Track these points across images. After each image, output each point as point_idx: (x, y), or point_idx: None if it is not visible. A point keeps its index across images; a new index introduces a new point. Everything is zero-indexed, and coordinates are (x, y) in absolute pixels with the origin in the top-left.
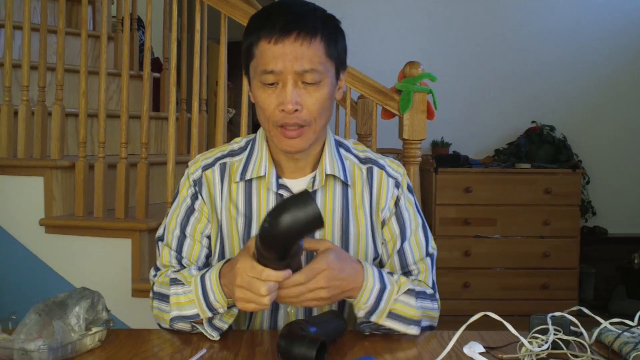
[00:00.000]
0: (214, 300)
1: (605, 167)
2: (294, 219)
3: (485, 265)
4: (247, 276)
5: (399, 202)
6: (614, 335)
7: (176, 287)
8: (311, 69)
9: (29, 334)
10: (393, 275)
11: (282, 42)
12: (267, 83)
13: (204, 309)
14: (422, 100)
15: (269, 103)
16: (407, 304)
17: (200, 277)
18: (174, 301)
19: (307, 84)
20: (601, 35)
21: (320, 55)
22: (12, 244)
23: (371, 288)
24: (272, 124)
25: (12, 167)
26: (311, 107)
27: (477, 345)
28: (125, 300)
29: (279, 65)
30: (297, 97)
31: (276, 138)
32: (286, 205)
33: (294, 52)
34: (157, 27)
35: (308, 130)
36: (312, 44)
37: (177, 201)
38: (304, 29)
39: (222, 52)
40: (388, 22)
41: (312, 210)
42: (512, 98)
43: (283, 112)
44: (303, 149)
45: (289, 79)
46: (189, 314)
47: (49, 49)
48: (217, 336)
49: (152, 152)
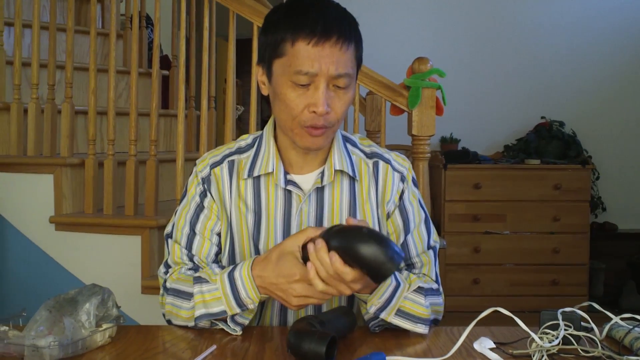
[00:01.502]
0: (245, 296)
1: (615, 162)
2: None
3: (494, 262)
4: (303, 285)
5: (404, 195)
6: (624, 330)
7: (200, 286)
8: (345, 73)
9: (39, 330)
10: (402, 273)
11: (322, 45)
12: (299, 84)
13: (233, 306)
14: (431, 96)
15: (298, 103)
16: (416, 302)
17: (228, 275)
18: (199, 299)
19: (337, 87)
20: (610, 29)
21: (352, 59)
22: (22, 241)
23: (388, 284)
24: (297, 124)
25: (22, 164)
26: (338, 110)
27: (488, 341)
28: (135, 297)
29: (316, 68)
30: (328, 99)
31: (299, 136)
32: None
33: (332, 56)
34: (166, 25)
35: (329, 131)
36: (349, 48)
37: (186, 199)
38: (343, 33)
39: (230, 49)
40: (397, 17)
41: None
42: (521, 94)
43: (313, 113)
44: (323, 147)
45: (322, 81)
46: (215, 312)
47: (58, 47)
48: (240, 331)
49: (161, 150)
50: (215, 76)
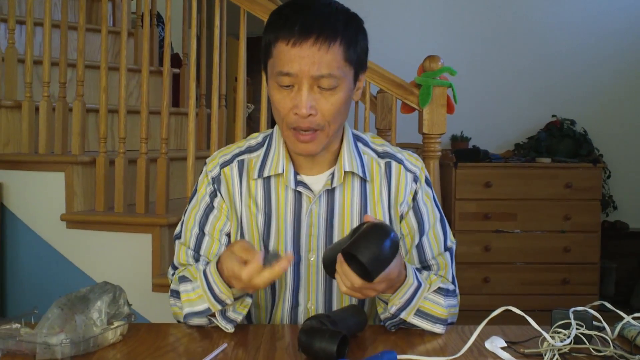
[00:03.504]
0: (219, 292)
1: (626, 161)
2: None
3: (505, 260)
4: (236, 280)
5: (417, 196)
6: (636, 329)
7: (185, 285)
8: (328, 74)
9: (51, 328)
10: (422, 273)
11: (299, 46)
12: (283, 85)
13: (213, 303)
14: (442, 95)
15: (284, 104)
16: (436, 302)
17: (203, 272)
18: (185, 298)
19: (322, 88)
20: (622, 27)
21: (339, 60)
22: (34, 239)
23: (410, 285)
24: (285, 125)
25: (33, 162)
26: (326, 112)
27: (499, 340)
28: (146, 295)
29: (295, 69)
30: (312, 101)
31: (289, 140)
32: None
33: (311, 57)
34: (177, 23)
35: (321, 135)
36: (331, 48)
37: (195, 199)
38: (323, 32)
39: (241, 47)
40: (407, 16)
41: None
42: (532, 92)
43: (297, 115)
44: (315, 153)
45: (304, 82)
46: (200, 309)
47: (70, 45)
48: (231, 328)
49: (172, 148)
50: (226, 74)
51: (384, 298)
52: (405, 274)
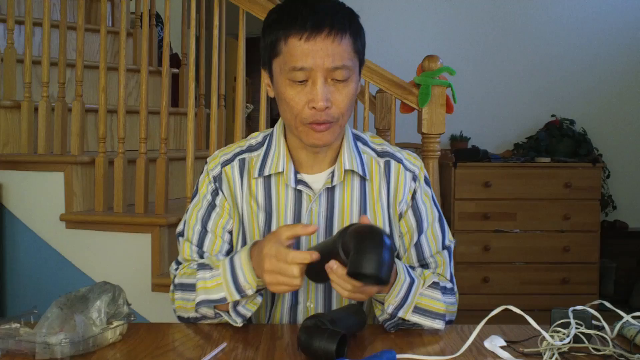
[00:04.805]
0: (243, 281)
1: (626, 160)
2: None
3: (505, 260)
4: (275, 260)
5: (416, 195)
6: (636, 329)
7: (204, 272)
8: (342, 65)
9: (50, 327)
10: (415, 270)
11: (313, 39)
12: (296, 80)
13: (232, 291)
14: (441, 94)
15: (298, 100)
16: (433, 297)
17: (230, 259)
18: (200, 285)
19: (336, 80)
20: (621, 26)
21: (349, 51)
22: (33, 239)
23: (402, 282)
24: (300, 122)
25: (32, 162)
26: (340, 104)
27: (498, 339)
28: (145, 294)
29: (310, 63)
30: (328, 94)
31: (304, 134)
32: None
33: (325, 49)
34: (176, 23)
35: (335, 126)
36: (343, 40)
37: (197, 197)
38: (335, 25)
39: (240, 47)
40: (406, 15)
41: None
42: (531, 91)
43: (313, 109)
44: (330, 143)
45: (319, 76)
46: (215, 298)
47: (69, 45)
48: (240, 322)
49: (171, 148)
50: (225, 74)
51: (379, 298)
52: (396, 271)
